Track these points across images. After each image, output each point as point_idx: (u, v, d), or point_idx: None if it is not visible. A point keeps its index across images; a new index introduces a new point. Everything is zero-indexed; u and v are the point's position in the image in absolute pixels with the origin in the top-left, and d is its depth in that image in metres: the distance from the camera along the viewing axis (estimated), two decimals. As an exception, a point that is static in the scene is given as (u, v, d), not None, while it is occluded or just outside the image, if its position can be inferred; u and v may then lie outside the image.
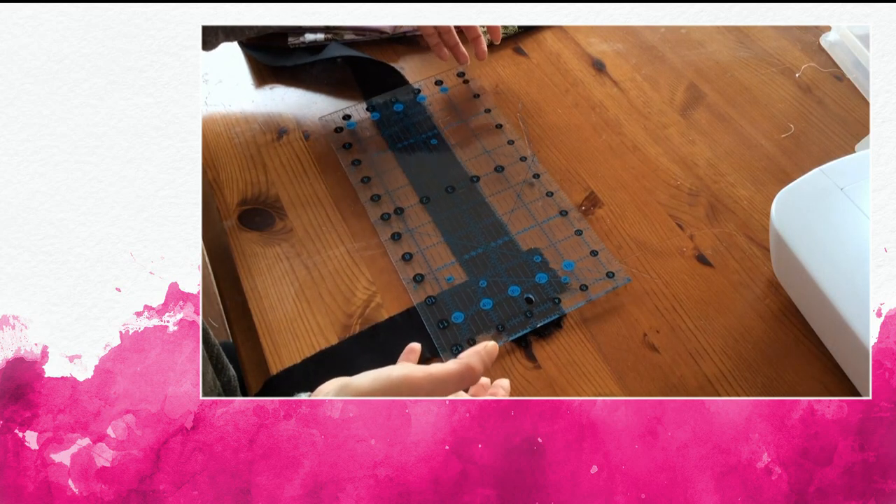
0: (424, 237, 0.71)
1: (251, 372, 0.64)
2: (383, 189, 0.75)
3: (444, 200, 0.74)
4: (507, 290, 0.66)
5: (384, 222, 0.72)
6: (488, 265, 0.68)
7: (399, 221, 0.72)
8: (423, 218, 0.72)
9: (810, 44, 0.88)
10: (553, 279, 0.67)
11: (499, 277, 0.68)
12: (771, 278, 0.66)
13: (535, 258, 0.69)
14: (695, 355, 0.62)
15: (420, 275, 0.67)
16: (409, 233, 0.71)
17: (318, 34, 0.88)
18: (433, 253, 0.69)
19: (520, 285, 0.67)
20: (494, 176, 0.76)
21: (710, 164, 0.76)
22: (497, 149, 0.78)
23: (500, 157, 0.77)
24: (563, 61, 0.88)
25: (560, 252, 0.69)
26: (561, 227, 0.71)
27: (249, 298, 0.67)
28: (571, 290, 0.66)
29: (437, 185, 0.75)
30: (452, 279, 0.67)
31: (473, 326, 0.64)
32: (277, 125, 0.81)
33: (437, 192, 0.74)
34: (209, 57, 0.89)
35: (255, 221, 0.72)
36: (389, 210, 0.73)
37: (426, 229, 0.71)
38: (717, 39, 0.90)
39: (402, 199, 0.74)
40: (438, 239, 0.70)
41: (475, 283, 0.67)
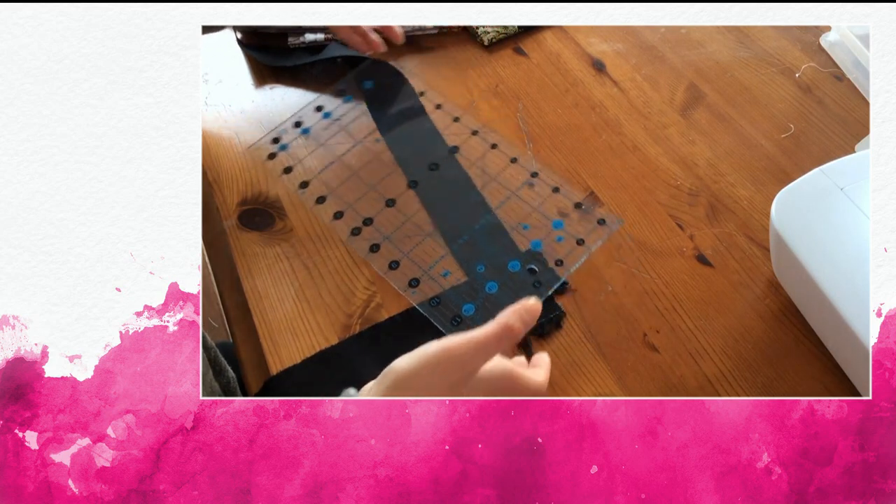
0: (405, 240, 0.68)
1: (251, 372, 0.64)
2: (343, 204, 0.71)
3: (410, 197, 0.71)
4: (507, 267, 0.65)
5: (357, 237, 0.69)
6: (479, 249, 0.67)
7: (372, 231, 0.69)
8: (395, 221, 0.70)
9: (810, 44, 0.88)
10: (548, 243, 0.66)
11: (494, 258, 0.66)
12: (771, 278, 0.66)
13: (524, 227, 0.67)
14: (695, 355, 0.62)
15: (415, 279, 0.66)
16: (387, 240, 0.68)
17: (318, 34, 0.88)
18: (419, 253, 0.68)
19: (518, 259, 0.65)
20: (451, 159, 0.74)
21: (710, 164, 0.76)
22: (446, 129, 0.76)
23: (450, 137, 0.75)
24: (563, 61, 0.88)
25: (545, 214, 0.68)
26: (536, 190, 0.70)
27: (249, 298, 0.67)
28: (569, 249, 0.66)
29: (398, 184, 0.72)
30: (449, 273, 0.66)
31: (486, 314, 0.63)
32: (277, 125, 0.81)
33: (399, 190, 0.71)
34: (209, 57, 0.89)
35: (255, 221, 0.72)
36: (357, 223, 0.70)
37: (404, 231, 0.69)
38: (717, 39, 0.90)
39: (365, 208, 0.71)
40: (420, 237, 0.68)
41: (473, 270, 0.66)
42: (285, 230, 0.71)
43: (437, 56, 0.89)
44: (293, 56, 0.87)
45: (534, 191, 0.71)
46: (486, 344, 0.47)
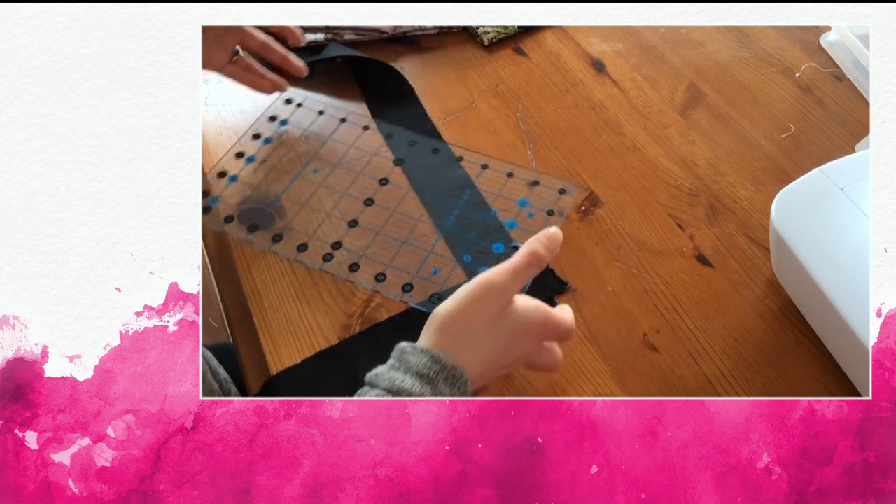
0: (381, 252, 0.68)
1: (251, 372, 0.64)
2: (304, 235, 0.70)
3: (369, 211, 0.71)
4: (493, 250, 0.68)
5: (330, 262, 0.68)
6: (458, 242, 0.69)
7: (344, 253, 0.68)
8: (365, 238, 0.69)
9: (810, 44, 0.88)
10: (521, 221, 0.70)
11: (476, 245, 0.68)
12: (771, 278, 0.66)
13: (492, 213, 0.71)
14: (695, 355, 0.62)
15: (408, 284, 0.66)
16: (364, 257, 0.68)
17: (318, 34, 0.88)
18: (402, 260, 0.68)
19: (499, 241, 0.68)
20: (397, 171, 0.75)
21: (710, 164, 0.76)
22: (382, 145, 0.78)
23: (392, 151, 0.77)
24: (563, 61, 0.88)
25: (508, 197, 0.72)
26: (492, 177, 0.74)
27: (249, 298, 0.67)
28: (543, 220, 0.70)
29: (353, 201, 0.72)
30: (438, 271, 0.67)
31: None
32: (277, 125, 0.81)
33: (356, 208, 0.72)
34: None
35: (255, 221, 0.72)
36: (326, 250, 0.68)
37: (378, 244, 0.69)
38: (717, 39, 0.90)
39: (328, 232, 0.70)
40: (396, 245, 0.69)
41: (461, 261, 0.67)
42: (285, 230, 0.71)
43: (437, 56, 0.89)
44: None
45: (489, 180, 0.74)
46: (518, 269, 0.52)
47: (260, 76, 0.77)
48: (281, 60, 0.78)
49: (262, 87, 0.79)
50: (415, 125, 0.81)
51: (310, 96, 0.82)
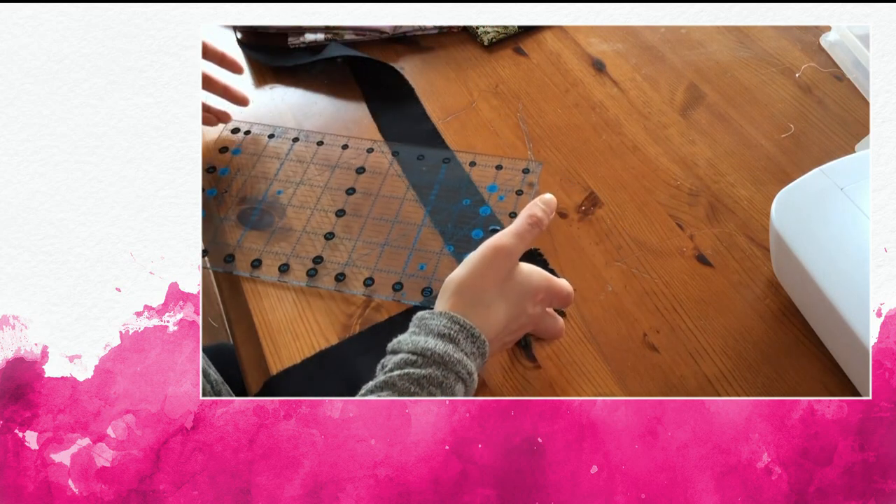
0: (365, 258, 0.68)
1: (251, 372, 0.64)
2: (283, 255, 0.69)
3: (342, 222, 0.71)
4: (472, 237, 0.69)
5: (317, 277, 0.67)
6: (438, 235, 0.70)
7: (329, 265, 0.68)
8: (346, 246, 0.69)
9: (810, 44, 0.88)
10: (493, 205, 0.72)
11: (454, 235, 0.70)
12: (771, 278, 0.66)
13: (465, 202, 0.73)
14: (695, 355, 0.62)
15: (398, 283, 0.66)
16: (349, 265, 0.68)
17: (318, 34, 0.88)
18: (386, 262, 0.68)
19: (477, 227, 0.70)
20: (362, 179, 0.75)
21: (710, 164, 0.76)
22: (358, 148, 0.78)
23: (356, 159, 0.77)
24: (563, 61, 0.88)
25: (475, 184, 0.74)
26: (453, 169, 0.76)
27: (249, 298, 0.67)
28: (514, 201, 0.72)
29: (325, 215, 0.72)
30: (424, 266, 0.67)
31: None
32: (277, 125, 0.81)
33: (329, 221, 0.72)
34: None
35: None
36: (308, 265, 0.68)
37: (361, 250, 0.69)
38: (717, 39, 0.90)
39: (307, 247, 0.70)
40: (378, 249, 0.69)
41: (444, 252, 0.69)
42: (285, 230, 0.71)
43: (437, 56, 0.89)
44: (293, 56, 0.87)
45: (454, 174, 0.76)
46: (521, 232, 0.56)
47: (203, 109, 0.78)
48: (222, 92, 0.78)
49: (206, 121, 0.79)
50: (414, 125, 0.81)
51: (255, 123, 0.81)
